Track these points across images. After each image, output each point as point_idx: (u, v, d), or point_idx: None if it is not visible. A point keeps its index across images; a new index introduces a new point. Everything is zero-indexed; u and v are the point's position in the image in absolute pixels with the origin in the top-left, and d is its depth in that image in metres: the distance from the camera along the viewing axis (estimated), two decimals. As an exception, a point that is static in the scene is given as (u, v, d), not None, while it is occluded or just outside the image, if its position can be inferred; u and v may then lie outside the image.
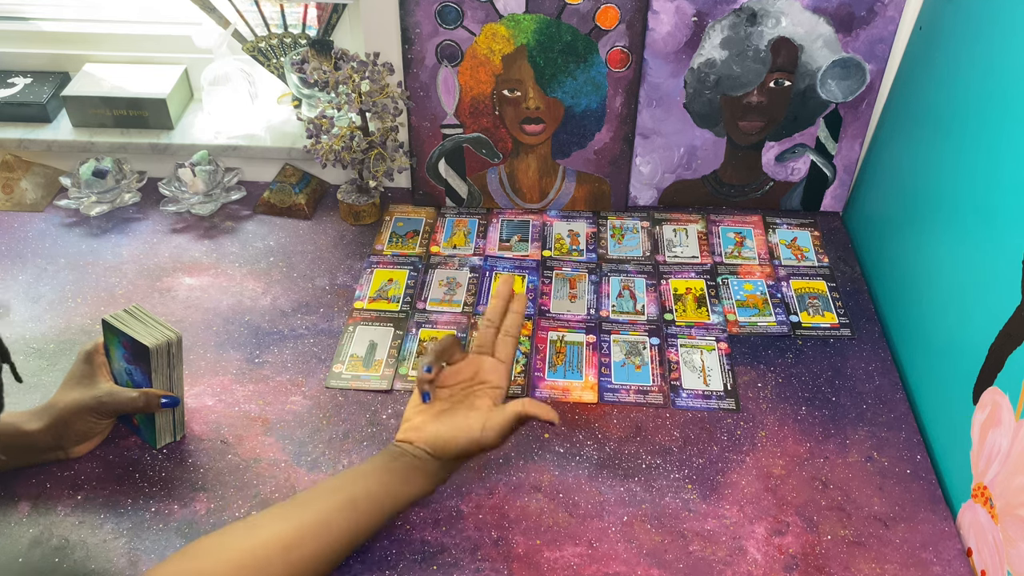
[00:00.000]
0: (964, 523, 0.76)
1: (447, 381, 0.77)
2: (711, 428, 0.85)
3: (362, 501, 0.68)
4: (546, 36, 1.00)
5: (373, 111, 1.03)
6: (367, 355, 0.92)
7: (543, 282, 1.02)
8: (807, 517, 0.77)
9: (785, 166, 1.10)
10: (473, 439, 0.71)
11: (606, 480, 0.80)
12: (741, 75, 1.03)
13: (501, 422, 0.71)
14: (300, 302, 0.99)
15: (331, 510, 0.67)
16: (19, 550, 0.73)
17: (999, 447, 0.71)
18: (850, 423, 0.86)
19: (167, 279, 1.02)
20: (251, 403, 0.87)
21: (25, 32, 1.20)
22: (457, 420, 0.73)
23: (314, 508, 0.67)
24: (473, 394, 0.76)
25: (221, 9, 1.12)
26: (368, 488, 0.69)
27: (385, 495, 0.69)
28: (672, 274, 1.03)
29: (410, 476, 0.71)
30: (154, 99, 1.13)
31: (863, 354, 0.93)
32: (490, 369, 0.77)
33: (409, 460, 0.72)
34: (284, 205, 1.12)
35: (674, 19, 1.00)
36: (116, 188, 1.11)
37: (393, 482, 0.70)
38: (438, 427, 0.72)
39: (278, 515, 0.67)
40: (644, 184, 1.12)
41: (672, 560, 0.73)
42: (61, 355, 0.91)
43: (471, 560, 0.73)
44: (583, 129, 1.07)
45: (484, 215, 1.12)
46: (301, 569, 0.64)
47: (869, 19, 0.98)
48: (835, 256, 1.07)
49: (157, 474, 0.80)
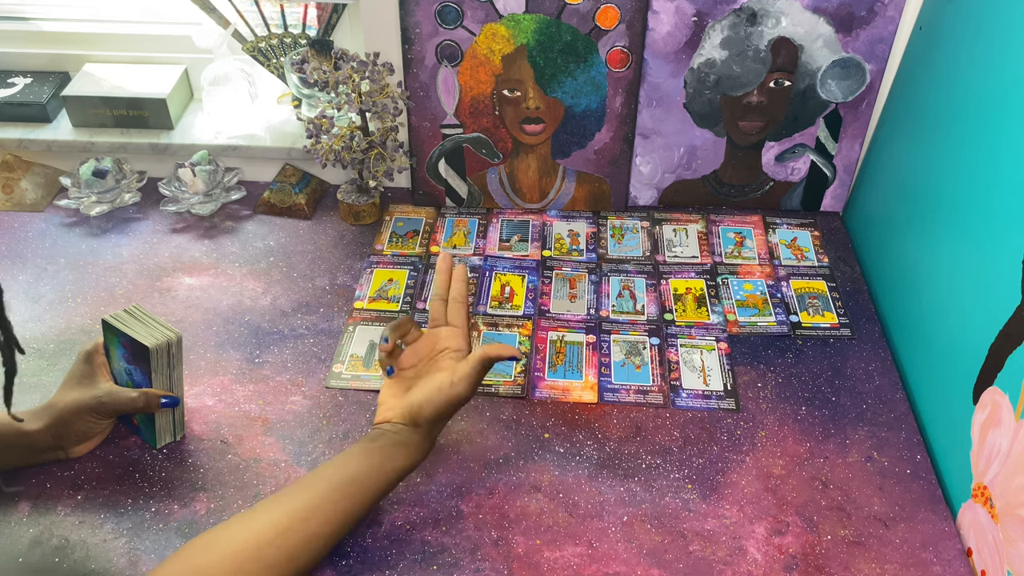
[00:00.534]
0: (964, 523, 0.76)
1: (409, 361, 0.80)
2: (711, 428, 0.85)
3: (348, 484, 0.70)
4: (546, 36, 1.00)
5: (373, 111, 1.03)
6: (367, 355, 0.92)
7: (543, 282, 1.02)
8: (807, 517, 0.77)
9: (785, 166, 1.10)
10: (446, 394, 0.74)
11: (606, 480, 0.80)
12: (741, 75, 1.03)
13: (468, 371, 0.74)
14: (300, 302, 0.99)
15: (319, 495, 0.69)
16: (19, 550, 0.73)
17: (999, 447, 0.71)
18: (850, 423, 0.86)
19: (167, 279, 1.02)
20: (251, 403, 0.87)
21: (25, 32, 1.20)
22: (427, 384, 0.76)
23: (303, 496, 0.69)
24: (436, 362, 0.79)
25: (221, 9, 1.12)
26: (352, 471, 0.71)
27: (368, 475, 0.71)
28: (672, 274, 1.03)
29: (392, 452, 0.73)
30: (154, 99, 1.13)
31: (863, 354, 0.93)
32: (447, 336, 0.80)
33: (389, 437, 0.74)
34: (284, 205, 1.12)
35: (674, 19, 1.00)
36: (116, 188, 1.11)
37: (375, 461, 0.72)
38: (410, 396, 0.75)
39: (269, 506, 0.68)
40: (644, 184, 1.12)
41: (672, 560, 0.73)
42: (61, 355, 0.91)
43: (471, 560, 0.73)
44: (583, 129, 1.07)
45: (484, 215, 1.12)
46: (296, 553, 0.66)
47: (869, 19, 0.98)
48: (835, 256, 1.07)
49: (157, 474, 0.80)
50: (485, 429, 0.85)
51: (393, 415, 0.75)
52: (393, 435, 0.74)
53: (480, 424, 0.85)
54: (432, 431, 0.76)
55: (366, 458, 0.72)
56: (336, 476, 0.70)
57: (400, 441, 0.74)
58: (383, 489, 0.72)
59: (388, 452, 0.73)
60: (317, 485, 0.70)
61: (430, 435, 0.76)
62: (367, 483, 0.71)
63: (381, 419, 0.76)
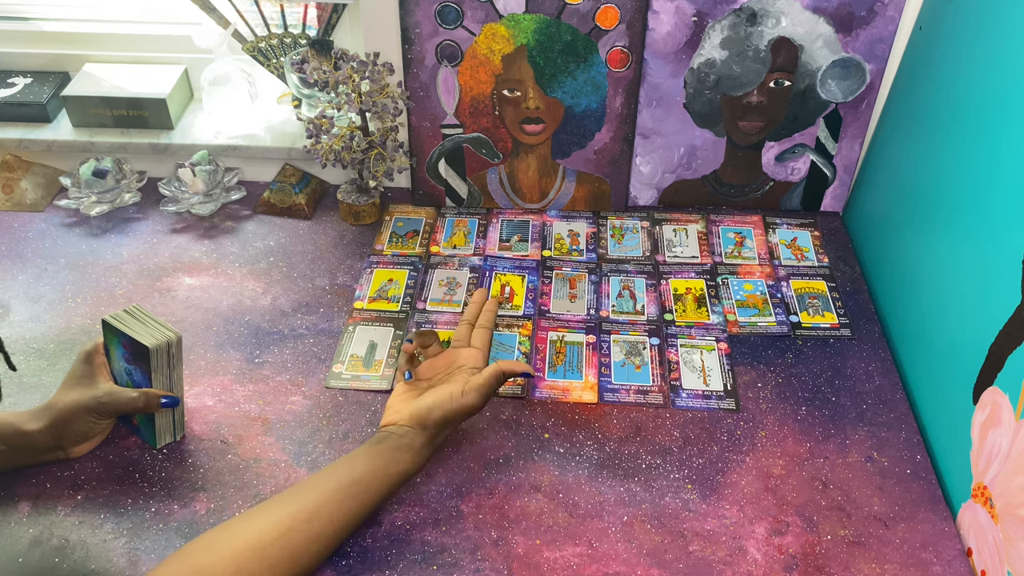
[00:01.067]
0: (964, 523, 0.76)
1: (425, 373, 0.83)
2: (711, 428, 0.85)
3: (352, 486, 0.70)
4: (546, 36, 1.00)
5: (373, 111, 1.03)
6: (367, 355, 0.92)
7: (543, 282, 1.02)
8: (807, 517, 0.77)
9: (785, 166, 1.10)
10: (457, 402, 0.75)
11: (606, 480, 0.80)
12: (741, 75, 1.03)
13: (481, 382, 0.77)
14: (300, 302, 0.99)
15: (323, 496, 0.69)
16: (19, 550, 0.73)
17: (999, 447, 0.71)
18: (850, 423, 0.86)
19: (167, 279, 1.02)
20: (251, 403, 0.87)
21: (25, 32, 1.20)
22: (438, 391, 0.77)
23: (306, 496, 0.69)
24: (451, 375, 0.81)
25: (221, 9, 1.12)
26: (356, 472, 0.71)
27: (373, 477, 0.71)
28: (672, 274, 1.03)
29: (396, 455, 0.73)
30: (154, 99, 1.13)
31: (863, 354, 0.93)
32: (467, 356, 0.84)
33: (394, 440, 0.74)
34: (284, 205, 1.12)
35: (674, 19, 1.00)
36: (116, 188, 1.11)
37: (379, 463, 0.72)
38: (420, 400, 0.77)
39: (271, 506, 0.68)
40: (644, 184, 1.12)
41: (672, 560, 0.73)
42: (61, 355, 0.91)
43: (471, 560, 0.73)
44: (583, 129, 1.07)
45: (484, 215, 1.12)
46: (298, 553, 0.66)
47: (869, 19, 0.98)
48: (835, 256, 1.07)
49: (157, 474, 0.80)
50: (485, 429, 0.85)
51: (400, 418, 0.76)
52: (399, 437, 0.74)
53: (480, 424, 0.85)
54: (437, 436, 0.76)
55: (370, 460, 0.72)
56: (340, 477, 0.71)
57: (405, 444, 0.74)
58: (386, 491, 0.72)
59: (393, 454, 0.73)
60: (321, 486, 0.70)
61: (434, 440, 0.76)
62: (371, 485, 0.71)
63: (388, 421, 0.77)
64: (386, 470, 0.72)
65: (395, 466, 0.73)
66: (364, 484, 0.71)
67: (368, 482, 0.71)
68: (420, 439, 0.75)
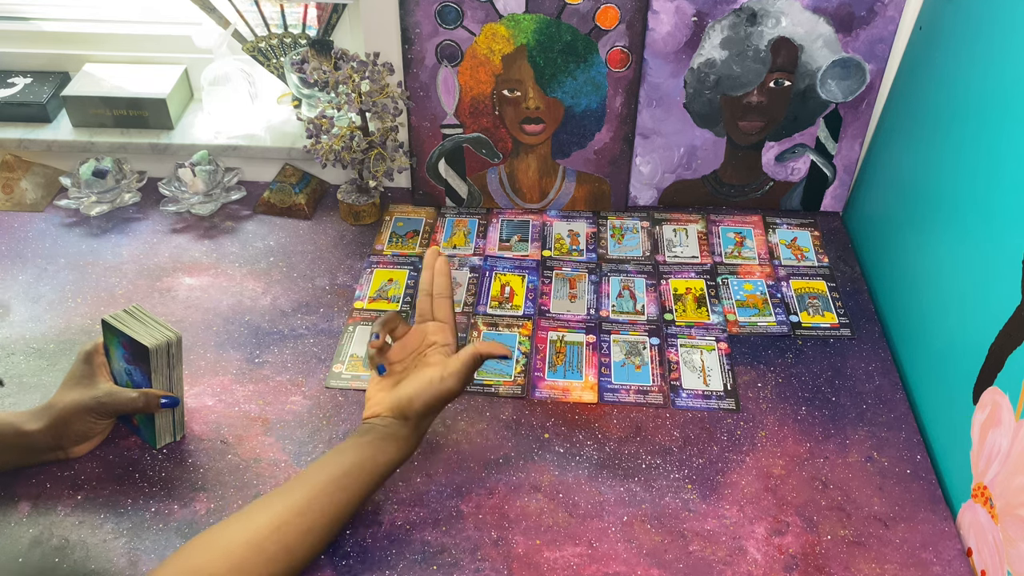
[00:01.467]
0: (964, 523, 0.76)
1: (397, 356, 0.81)
2: (711, 428, 0.85)
3: (342, 477, 0.71)
4: (546, 36, 1.00)
5: (373, 111, 1.03)
6: (367, 355, 0.92)
7: (543, 282, 1.02)
8: (807, 517, 0.77)
9: (785, 166, 1.10)
10: (435, 389, 0.75)
11: (606, 480, 0.80)
12: (741, 75, 1.03)
13: (458, 366, 0.75)
14: (300, 302, 0.99)
15: (314, 489, 0.70)
16: (19, 550, 0.73)
17: (999, 447, 0.71)
18: (850, 423, 0.86)
19: (167, 279, 1.02)
20: (251, 403, 0.87)
21: (25, 32, 1.20)
22: (416, 378, 0.76)
23: (299, 490, 0.69)
24: (425, 357, 0.80)
25: (221, 9, 1.12)
26: (345, 465, 0.72)
27: (361, 468, 0.72)
28: (672, 274, 1.03)
29: (382, 446, 0.74)
30: (154, 99, 1.13)
31: (863, 354, 0.93)
32: (434, 331, 0.81)
33: (379, 431, 0.74)
34: (284, 205, 1.12)
35: (674, 19, 1.00)
36: (116, 188, 1.11)
37: (367, 454, 0.73)
38: (399, 391, 0.76)
39: (265, 503, 0.69)
40: (644, 184, 1.12)
41: (672, 560, 0.73)
42: (61, 355, 0.91)
43: (471, 560, 0.73)
44: (583, 129, 1.07)
45: (484, 215, 1.12)
46: (293, 545, 0.67)
47: (869, 19, 0.98)
48: (835, 256, 1.07)
49: (157, 474, 0.80)
50: (485, 429, 0.85)
51: (381, 409, 0.76)
52: (383, 428, 0.75)
53: (480, 424, 0.85)
54: (420, 424, 0.76)
55: (358, 451, 0.73)
56: (330, 470, 0.71)
57: (390, 434, 0.74)
58: (376, 481, 0.73)
59: (379, 445, 0.73)
60: (312, 480, 0.70)
61: (419, 428, 0.76)
62: (360, 475, 0.72)
63: (370, 414, 0.77)
64: (374, 460, 0.73)
65: (383, 456, 0.73)
66: (354, 475, 0.71)
67: (357, 474, 0.72)
68: (404, 429, 0.75)
